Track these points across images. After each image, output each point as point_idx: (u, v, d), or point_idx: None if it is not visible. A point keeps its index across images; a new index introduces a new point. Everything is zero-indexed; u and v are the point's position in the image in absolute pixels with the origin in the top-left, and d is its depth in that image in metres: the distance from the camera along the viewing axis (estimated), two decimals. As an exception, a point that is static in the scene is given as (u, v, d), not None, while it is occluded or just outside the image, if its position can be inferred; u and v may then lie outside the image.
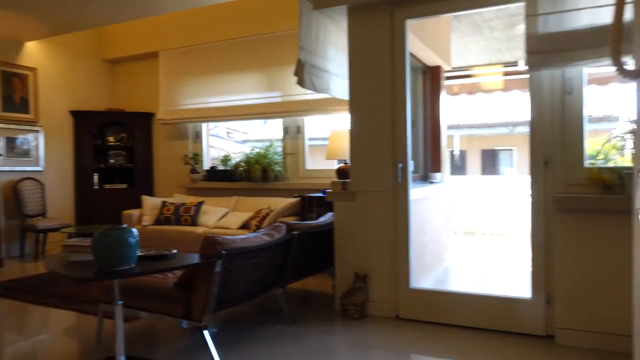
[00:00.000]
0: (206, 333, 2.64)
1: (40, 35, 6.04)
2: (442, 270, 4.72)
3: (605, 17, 2.64)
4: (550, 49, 2.82)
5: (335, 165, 5.54)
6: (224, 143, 6.61)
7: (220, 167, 6.37)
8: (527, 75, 3.06)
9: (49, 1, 4.82)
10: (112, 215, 6.17)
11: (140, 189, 6.78)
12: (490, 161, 13.10)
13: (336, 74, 4.03)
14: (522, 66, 5.83)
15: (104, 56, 7.20)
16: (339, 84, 4.05)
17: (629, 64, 2.03)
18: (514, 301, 3.17)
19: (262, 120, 6.07)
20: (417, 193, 3.79)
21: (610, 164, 3.21)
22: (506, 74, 6.62)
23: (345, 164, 4.60)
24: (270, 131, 6.22)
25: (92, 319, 3.50)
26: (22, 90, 6.23)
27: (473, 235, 6.98)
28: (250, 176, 5.86)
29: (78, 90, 6.91)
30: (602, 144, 3.40)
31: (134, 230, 2.39)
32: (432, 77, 4.92)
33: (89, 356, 2.91)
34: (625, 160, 3.28)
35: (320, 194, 4.82)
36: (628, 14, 1.93)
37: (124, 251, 2.30)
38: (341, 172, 4.41)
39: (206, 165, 6.58)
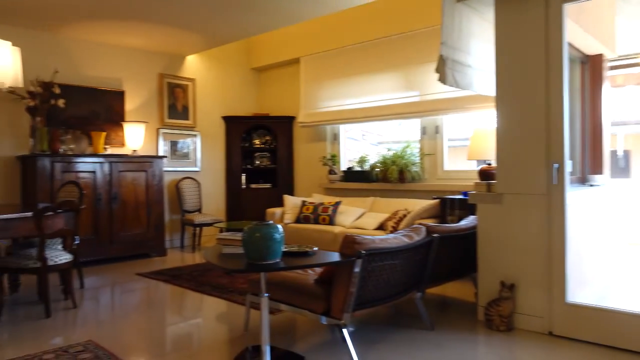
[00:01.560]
0: (345, 331, 2.66)
1: (198, 49, 6.71)
2: (604, 284, 4.17)
3: None
4: None
5: (474, 166, 5.25)
6: (360, 145, 6.67)
7: (357, 168, 6.43)
8: None
9: (206, 17, 5.33)
10: (257, 213, 6.62)
11: (282, 188, 7.17)
12: (662, 163, 11.30)
13: (480, 69, 3.80)
14: None
15: (251, 65, 7.76)
16: (483, 80, 3.81)
17: None
18: None
19: (397, 121, 5.98)
20: (574, 196, 3.39)
21: None
22: (687, 59, 5.63)
23: (489, 164, 4.32)
24: (405, 132, 6.10)
25: (240, 308, 3.77)
26: (183, 99, 6.99)
27: (641, 247, 6.06)
28: (386, 177, 5.82)
29: (229, 97, 7.54)
30: None
31: (279, 226, 2.50)
32: (592, 67, 4.37)
33: (237, 343, 3.12)
34: None
35: (460, 196, 4.59)
36: None
37: (270, 246, 2.42)
38: (484, 174, 4.14)
39: (343, 166, 6.70)
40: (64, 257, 3.82)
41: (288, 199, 6.12)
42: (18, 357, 2.85)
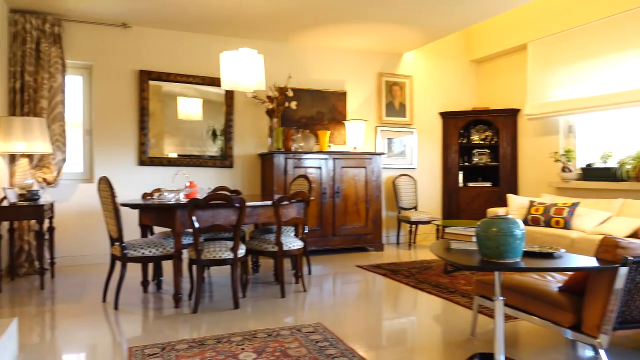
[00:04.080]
0: (603, 353, 2.20)
1: (415, 45, 6.64)
2: None
3: None
4: None
5: None
6: (603, 137, 5.68)
7: (599, 165, 5.50)
8: None
9: (423, 10, 5.20)
10: (475, 213, 6.24)
11: (504, 187, 6.63)
12: None
13: None
14: None
15: (470, 57, 7.37)
16: None
17: None
18: None
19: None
20: None
21: None
22: None
23: None
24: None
25: (461, 310, 3.53)
26: (400, 96, 7.03)
27: None
28: (641, 175, 4.82)
29: (446, 93, 7.30)
30: None
31: (520, 221, 2.20)
32: None
33: (462, 347, 2.89)
34: None
35: None
36: None
37: (509, 243, 2.14)
38: None
39: (580, 163, 5.81)
40: (296, 244, 4.15)
41: (513, 199, 5.58)
42: (260, 329, 3.16)
